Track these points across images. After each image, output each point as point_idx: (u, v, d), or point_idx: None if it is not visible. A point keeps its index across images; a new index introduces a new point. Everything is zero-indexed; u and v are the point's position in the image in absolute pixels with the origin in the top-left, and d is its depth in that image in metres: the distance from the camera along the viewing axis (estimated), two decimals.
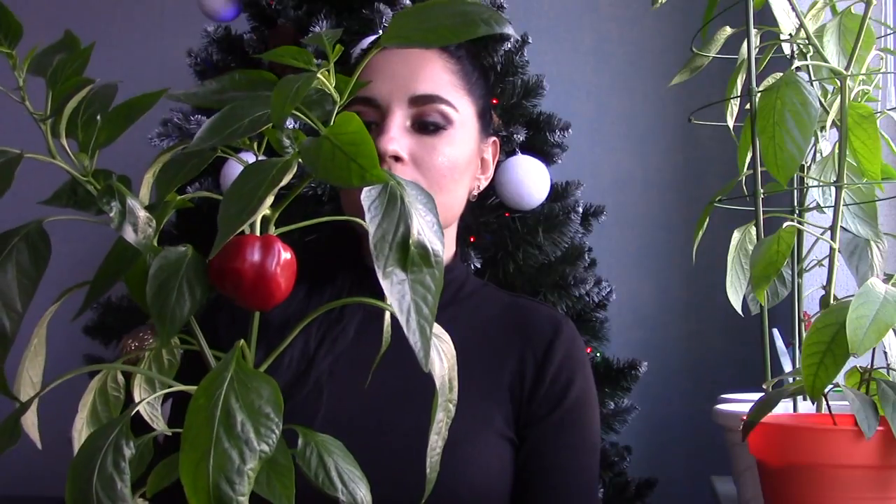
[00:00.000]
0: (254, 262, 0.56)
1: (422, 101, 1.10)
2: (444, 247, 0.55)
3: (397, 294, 0.52)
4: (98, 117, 0.57)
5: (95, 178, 0.57)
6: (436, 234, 0.54)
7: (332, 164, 0.52)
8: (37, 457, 0.75)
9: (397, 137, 1.07)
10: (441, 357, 0.61)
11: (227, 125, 0.54)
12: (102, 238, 0.56)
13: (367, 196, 0.53)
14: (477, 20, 0.53)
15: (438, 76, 1.12)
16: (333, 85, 0.57)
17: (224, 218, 0.52)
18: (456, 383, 0.63)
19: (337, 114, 0.56)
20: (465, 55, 1.17)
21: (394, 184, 0.53)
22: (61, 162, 0.57)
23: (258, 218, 0.58)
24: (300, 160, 0.54)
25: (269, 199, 0.53)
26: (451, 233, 1.20)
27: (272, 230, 0.59)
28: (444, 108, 1.10)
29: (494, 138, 1.22)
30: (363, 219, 0.53)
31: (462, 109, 1.13)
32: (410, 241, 0.52)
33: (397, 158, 1.07)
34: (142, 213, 0.56)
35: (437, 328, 0.62)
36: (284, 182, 0.53)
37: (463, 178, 1.14)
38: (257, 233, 0.58)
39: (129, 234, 0.55)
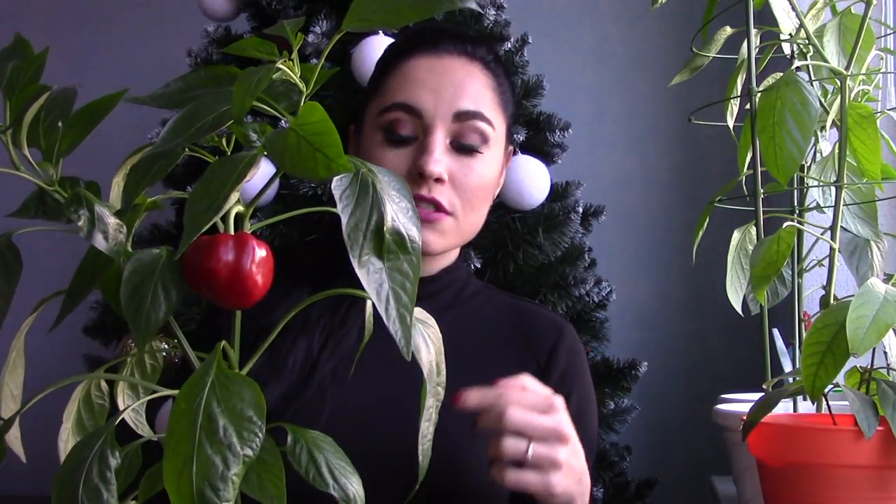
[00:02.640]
0: (228, 261, 0.55)
1: (465, 118, 1.08)
2: (420, 232, 0.54)
3: (374, 283, 0.51)
4: (59, 124, 0.55)
5: (62, 187, 0.55)
6: (411, 219, 0.53)
7: (297, 156, 0.50)
8: (35, 458, 0.75)
9: (440, 159, 1.06)
10: (427, 343, 0.60)
11: (190, 123, 0.53)
12: (83, 244, 0.55)
13: (338, 185, 0.52)
14: None
15: (482, 93, 1.11)
16: (298, 75, 0.56)
17: (189, 216, 0.51)
18: (444, 367, 0.63)
19: (304, 103, 0.55)
20: (501, 72, 1.16)
21: (365, 171, 0.52)
22: (25, 173, 0.56)
23: (231, 215, 0.57)
24: (265, 154, 0.53)
25: (236, 196, 0.52)
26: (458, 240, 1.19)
27: (247, 227, 0.58)
28: (484, 126, 1.09)
29: (511, 146, 1.22)
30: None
31: (497, 127, 1.12)
32: (385, 229, 0.51)
33: (439, 180, 1.07)
34: (111, 220, 0.54)
35: (423, 314, 0.61)
36: (250, 177, 0.52)
37: (491, 194, 1.14)
38: (231, 230, 0.57)
39: (100, 242, 0.54)
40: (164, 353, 0.67)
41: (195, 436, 0.49)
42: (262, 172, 0.62)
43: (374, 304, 0.52)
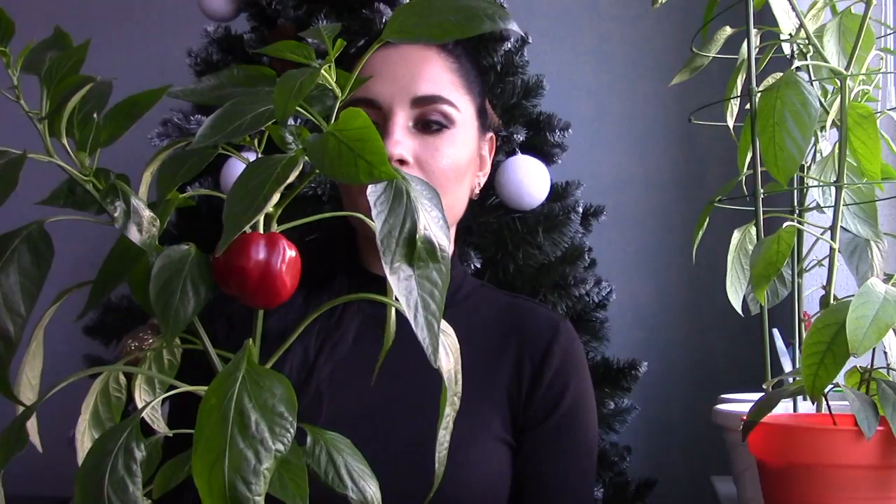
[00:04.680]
0: (259, 261, 0.56)
1: (424, 102, 1.08)
2: (450, 242, 0.54)
3: (404, 290, 0.52)
4: (95, 115, 0.56)
5: (96, 178, 0.56)
6: (441, 229, 0.54)
7: (338, 161, 0.51)
8: (37, 457, 0.75)
9: (401, 140, 1.06)
10: (447, 351, 0.61)
11: (229, 122, 0.54)
12: (102, 237, 0.56)
13: (374, 192, 0.52)
14: (481, 15, 0.53)
15: (439, 76, 1.11)
16: (335, 80, 0.56)
17: (230, 215, 0.51)
18: (461, 377, 0.63)
19: (339, 109, 0.56)
20: (462, 53, 1.16)
21: (399, 179, 0.53)
22: (60, 161, 0.56)
23: (262, 216, 0.58)
24: (305, 157, 0.54)
25: (276, 197, 0.53)
26: (451, 233, 1.19)
27: (275, 228, 0.59)
28: (446, 108, 1.09)
29: (491, 134, 1.22)
30: (365, 216, 0.53)
31: (463, 109, 1.12)
32: (417, 237, 0.52)
33: (402, 162, 1.06)
34: (146, 213, 0.55)
35: (442, 323, 0.62)
36: (291, 179, 0.53)
37: (465, 178, 1.13)
38: (261, 230, 0.58)
39: (134, 234, 0.55)
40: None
41: (227, 430, 0.49)
42: None
43: (395, 311, 0.52)
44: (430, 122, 1.09)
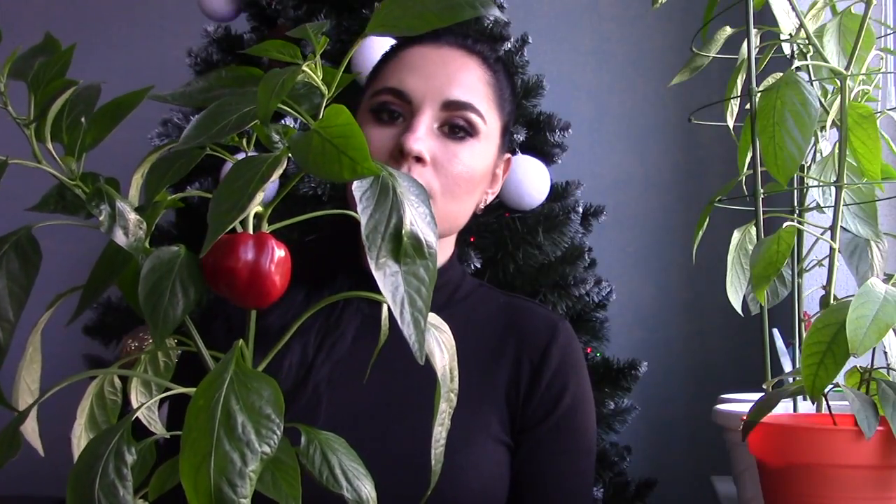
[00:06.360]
0: (248, 261, 0.55)
1: (454, 107, 1.08)
2: (437, 238, 0.54)
3: (391, 286, 0.51)
4: (83, 119, 0.56)
5: (83, 182, 0.56)
6: (428, 225, 0.53)
7: (322, 158, 0.51)
8: (37, 457, 0.75)
9: (423, 138, 1.06)
10: (441, 348, 0.61)
11: (214, 122, 0.54)
12: (99, 240, 0.56)
13: (359, 187, 0.52)
14: (462, 3, 0.52)
15: (475, 85, 1.11)
16: (321, 78, 0.56)
17: (214, 215, 0.51)
18: (457, 373, 0.63)
19: (326, 106, 0.55)
20: (501, 70, 1.16)
21: (385, 174, 0.53)
22: (47, 166, 0.56)
23: (251, 215, 0.57)
24: (290, 155, 0.53)
25: (260, 196, 0.53)
26: (451, 238, 1.19)
27: (265, 227, 0.59)
28: (473, 116, 1.09)
29: (508, 155, 1.22)
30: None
31: (490, 122, 1.11)
32: (403, 232, 0.52)
33: (419, 159, 1.06)
34: (132, 216, 0.55)
35: (437, 319, 0.61)
36: (274, 178, 0.53)
37: (476, 190, 1.13)
38: (250, 230, 0.57)
39: (120, 238, 0.54)
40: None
41: (213, 432, 0.49)
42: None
43: (388, 308, 0.52)
44: (455, 126, 1.08)
